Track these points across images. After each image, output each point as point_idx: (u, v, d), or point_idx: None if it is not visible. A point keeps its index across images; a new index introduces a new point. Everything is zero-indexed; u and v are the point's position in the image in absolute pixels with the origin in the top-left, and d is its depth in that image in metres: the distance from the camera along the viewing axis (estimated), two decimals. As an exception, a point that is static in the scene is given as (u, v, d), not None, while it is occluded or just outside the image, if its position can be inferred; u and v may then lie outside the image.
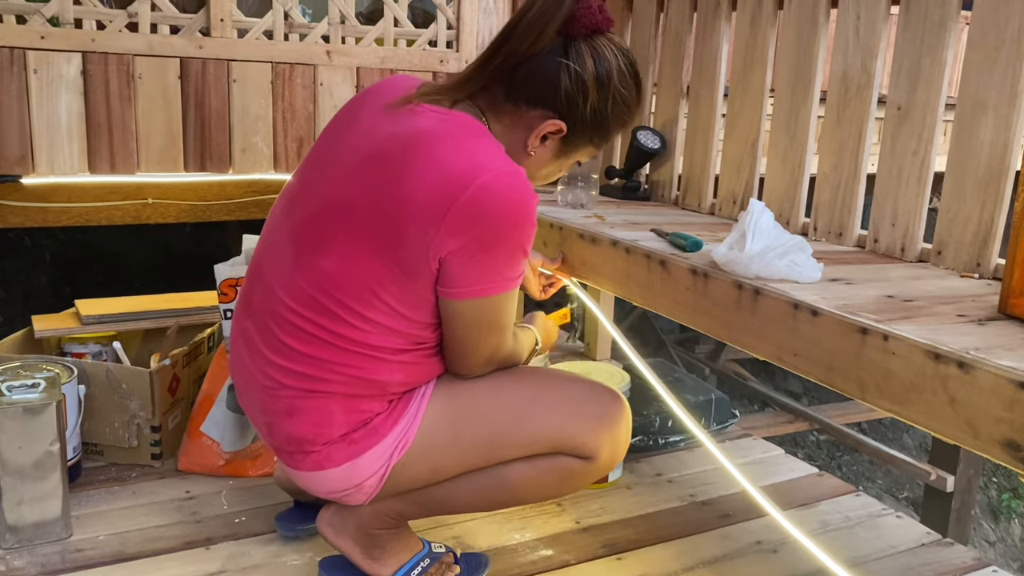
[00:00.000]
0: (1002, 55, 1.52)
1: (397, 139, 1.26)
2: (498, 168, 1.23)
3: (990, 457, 1.08)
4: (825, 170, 1.87)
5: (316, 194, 1.33)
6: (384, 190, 1.24)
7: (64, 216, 2.30)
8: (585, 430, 1.41)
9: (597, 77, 1.30)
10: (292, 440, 1.34)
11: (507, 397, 1.40)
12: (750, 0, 2.03)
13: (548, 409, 1.41)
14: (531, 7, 1.29)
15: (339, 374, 1.31)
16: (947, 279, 1.56)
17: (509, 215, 1.24)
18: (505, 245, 1.26)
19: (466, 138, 1.27)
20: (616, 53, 1.33)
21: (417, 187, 1.22)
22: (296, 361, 1.31)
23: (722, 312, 1.48)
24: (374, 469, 1.34)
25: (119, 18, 2.06)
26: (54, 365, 1.85)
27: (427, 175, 1.22)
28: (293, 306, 1.30)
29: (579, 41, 1.29)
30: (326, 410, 1.32)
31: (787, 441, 5.69)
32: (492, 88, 1.33)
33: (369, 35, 2.34)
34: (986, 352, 1.10)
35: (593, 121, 1.34)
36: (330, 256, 1.28)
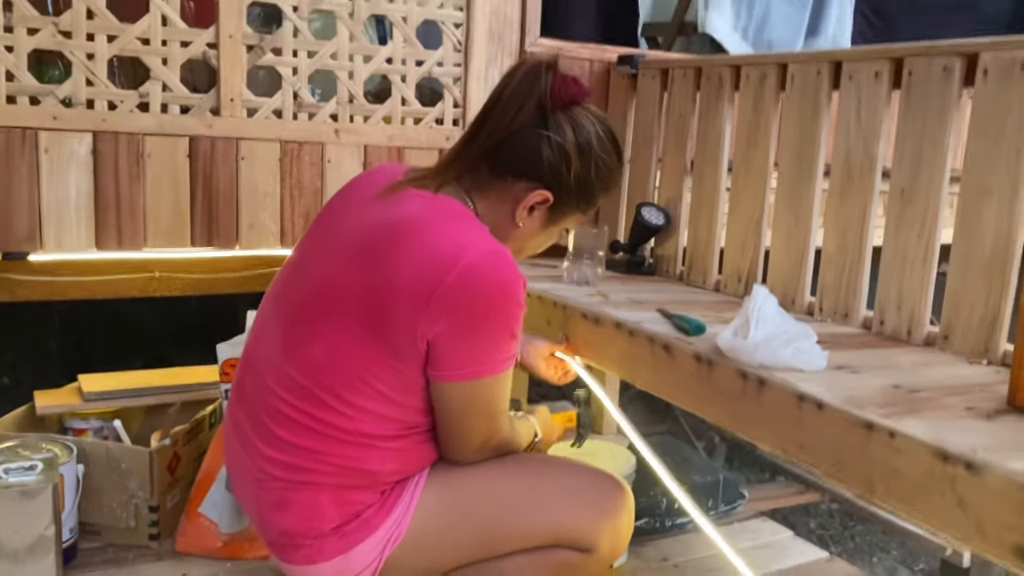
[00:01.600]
0: (1004, 142, 1.53)
1: (384, 226, 1.29)
2: (483, 248, 1.26)
3: (1001, 563, 1.05)
4: (830, 250, 1.87)
5: (305, 283, 1.34)
6: (372, 277, 1.26)
7: (71, 290, 2.31)
8: (584, 522, 1.38)
9: (578, 145, 1.34)
10: (283, 534, 1.32)
11: (503, 487, 1.38)
12: (752, 81, 2.05)
13: (546, 500, 1.38)
14: (507, 85, 1.34)
15: (329, 464, 1.29)
16: (955, 366, 1.54)
17: (494, 295, 1.26)
18: (492, 326, 1.27)
19: (451, 221, 1.29)
20: (594, 121, 1.37)
21: (404, 272, 1.24)
22: (285, 452, 1.30)
23: (727, 401, 1.46)
24: (367, 563, 1.32)
25: (130, 98, 2.09)
26: (53, 444, 1.83)
27: (413, 259, 1.24)
28: (284, 395, 1.30)
29: (557, 113, 1.33)
30: (316, 503, 1.30)
31: (799, 511, 5.58)
32: (477, 167, 1.36)
33: (377, 114, 2.37)
34: (995, 452, 1.08)
35: (578, 188, 1.37)
36: (319, 344, 1.28)
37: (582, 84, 1.37)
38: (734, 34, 3.03)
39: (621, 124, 2.58)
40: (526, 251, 1.48)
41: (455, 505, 1.36)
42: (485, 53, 2.48)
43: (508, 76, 1.35)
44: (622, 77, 2.57)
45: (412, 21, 2.38)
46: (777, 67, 1.99)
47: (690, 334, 1.64)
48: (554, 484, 1.41)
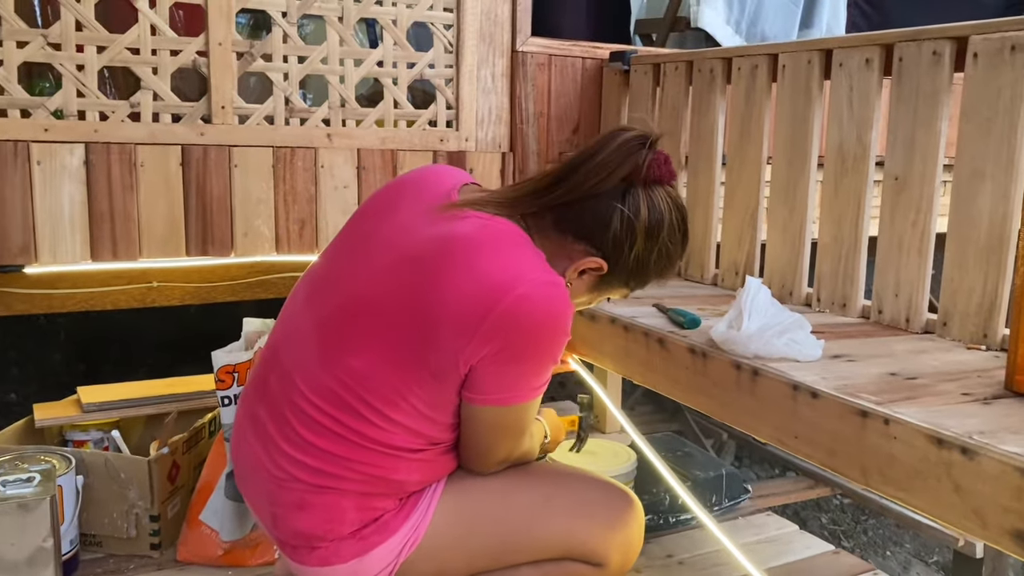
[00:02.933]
0: (996, 125, 1.51)
1: (435, 242, 1.25)
2: (537, 278, 1.22)
3: (1001, 548, 1.04)
4: (826, 241, 1.85)
5: (345, 286, 1.31)
6: (419, 293, 1.23)
7: (69, 302, 2.31)
8: (595, 536, 1.38)
9: (648, 227, 1.30)
10: (299, 535, 1.31)
11: (518, 499, 1.38)
12: (744, 73, 2.04)
13: (559, 513, 1.39)
14: (602, 148, 1.29)
15: (356, 472, 1.28)
16: (953, 352, 1.53)
17: (545, 326, 1.23)
18: (537, 355, 1.25)
19: (506, 246, 1.25)
20: (671, 208, 1.32)
21: (453, 293, 1.20)
22: (312, 455, 1.28)
23: (721, 392, 1.45)
24: (382, 566, 1.31)
25: (121, 108, 2.09)
26: (52, 456, 1.83)
27: (464, 281, 1.20)
28: (315, 400, 1.28)
29: (638, 189, 1.29)
30: (338, 507, 1.28)
31: (810, 506, 5.55)
32: (544, 214, 1.32)
33: (369, 117, 2.37)
34: (991, 436, 1.07)
35: (634, 267, 1.33)
36: (359, 356, 1.25)
37: (672, 166, 1.33)
38: (727, 28, 3.02)
39: (615, 121, 2.58)
40: None
41: (471, 514, 1.36)
42: (476, 54, 2.47)
43: (606, 139, 1.31)
44: (615, 74, 2.56)
45: (402, 23, 2.38)
46: (768, 58, 1.98)
47: (685, 327, 1.63)
48: (567, 497, 1.41)
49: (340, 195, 2.33)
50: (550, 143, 2.61)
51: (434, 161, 2.43)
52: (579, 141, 2.65)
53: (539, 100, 2.57)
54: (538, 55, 2.55)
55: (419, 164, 2.41)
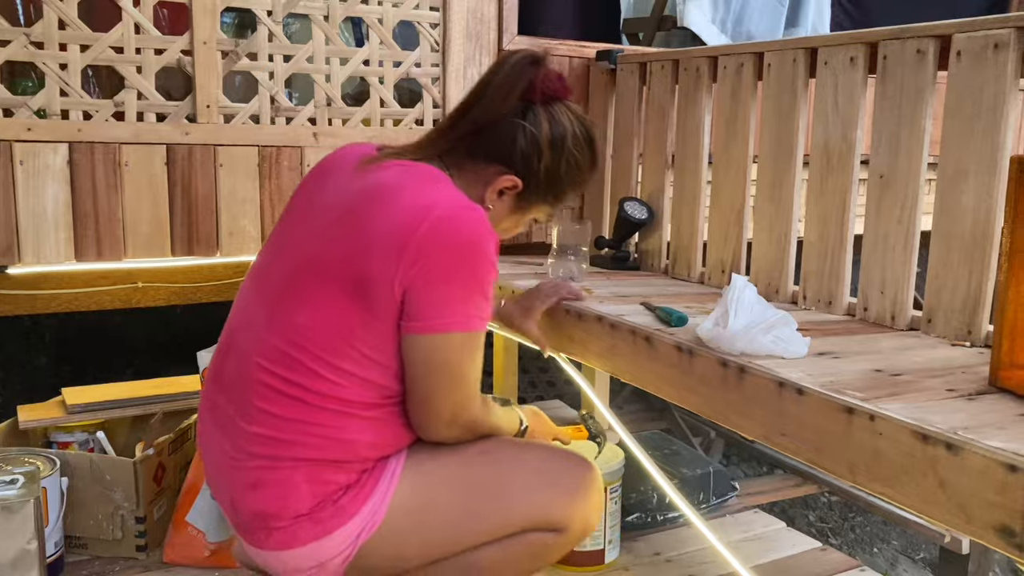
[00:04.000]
0: (979, 122, 1.52)
1: (362, 192, 1.34)
2: (456, 203, 1.31)
3: (985, 543, 1.04)
4: (811, 239, 1.86)
5: (288, 257, 1.36)
6: (351, 238, 1.30)
7: (53, 303, 2.29)
8: (556, 506, 1.41)
9: (551, 139, 1.40)
10: (256, 516, 1.31)
11: (476, 480, 1.39)
12: (730, 71, 2.05)
13: (518, 489, 1.40)
14: (495, 75, 1.40)
15: (309, 435, 1.30)
16: (937, 348, 1.53)
17: (464, 245, 1.29)
18: (461, 276, 1.29)
19: (428, 184, 1.34)
20: (572, 119, 1.43)
21: (381, 227, 1.28)
22: (268, 425, 1.30)
23: (708, 390, 1.45)
24: (340, 549, 1.31)
25: (105, 108, 2.08)
26: (36, 458, 1.82)
27: (389, 215, 1.29)
28: (268, 366, 1.31)
29: (537, 106, 1.40)
30: (291, 482, 1.30)
31: (798, 503, 5.57)
32: (456, 148, 1.42)
33: (356, 116, 2.36)
34: (975, 432, 1.07)
35: (547, 180, 1.43)
36: (303, 310, 1.30)
37: (566, 82, 1.43)
38: (712, 27, 3.03)
39: (602, 120, 2.58)
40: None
41: (430, 497, 1.36)
42: (463, 52, 2.47)
43: (497, 65, 1.41)
44: (601, 72, 2.56)
45: (388, 22, 2.37)
46: (753, 56, 1.98)
47: (671, 325, 1.63)
48: (526, 471, 1.42)
49: (326, 194, 2.32)
50: (537, 142, 2.60)
51: (421, 160, 2.43)
52: (566, 140, 2.65)
53: (526, 99, 2.57)
54: (525, 54, 2.55)
55: (406, 163, 2.41)
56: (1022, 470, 0.97)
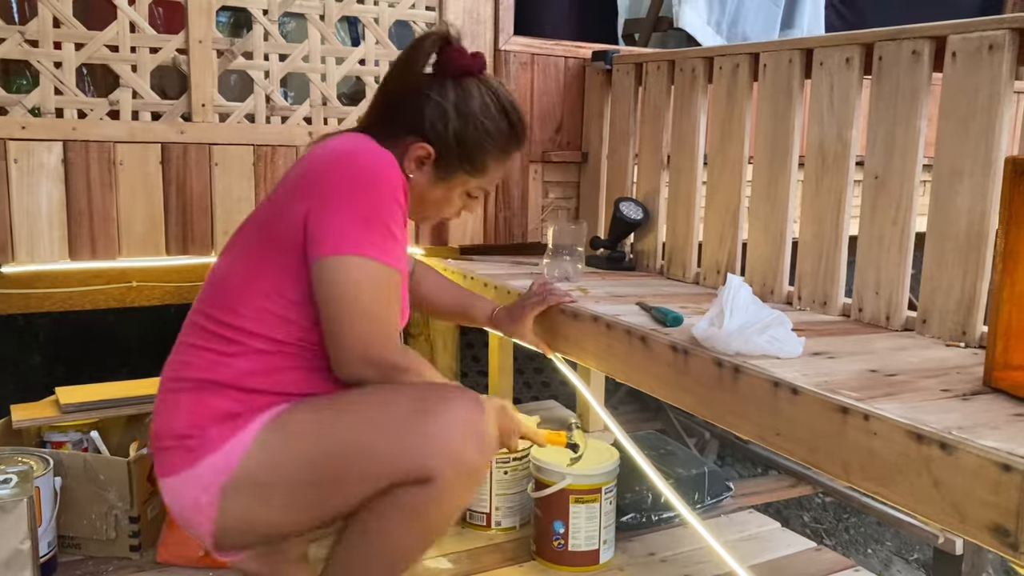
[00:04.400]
0: (974, 123, 1.53)
1: (296, 164, 1.45)
2: (366, 147, 1.39)
3: (979, 542, 1.04)
4: (806, 239, 1.86)
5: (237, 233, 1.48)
6: (277, 194, 1.42)
7: (47, 302, 2.28)
8: (413, 450, 1.26)
9: (457, 107, 1.46)
10: (152, 439, 1.39)
11: (337, 430, 1.31)
12: (725, 72, 2.05)
13: (373, 438, 1.28)
14: (408, 52, 1.50)
15: (203, 357, 1.36)
16: (932, 349, 1.54)
17: (363, 176, 1.35)
18: (358, 205, 1.33)
19: (350, 141, 1.42)
20: (483, 90, 1.49)
21: (295, 172, 1.41)
22: (180, 352, 1.40)
23: (703, 390, 1.45)
24: (205, 484, 1.30)
25: (100, 106, 2.07)
26: (29, 457, 1.81)
27: (305, 164, 1.40)
28: (200, 307, 1.41)
29: (447, 80, 1.47)
30: (175, 401, 1.36)
31: (793, 504, 5.57)
32: (378, 122, 1.50)
33: (351, 115, 2.36)
34: (969, 431, 1.07)
35: (458, 147, 1.48)
36: (230, 254, 1.44)
37: (480, 58, 1.50)
38: (707, 28, 3.03)
39: (598, 120, 2.58)
40: (429, 213, 1.59)
41: (287, 446, 1.31)
42: (459, 52, 2.46)
43: (412, 44, 1.50)
44: (597, 73, 2.56)
45: (384, 22, 2.37)
46: (749, 57, 1.99)
47: (667, 325, 1.63)
48: (384, 415, 1.30)
49: (322, 194, 2.32)
50: (532, 142, 2.61)
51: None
52: (562, 140, 2.65)
53: (522, 99, 2.57)
54: (521, 54, 2.55)
55: (401, 163, 2.40)
56: (1016, 470, 0.97)
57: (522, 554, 1.94)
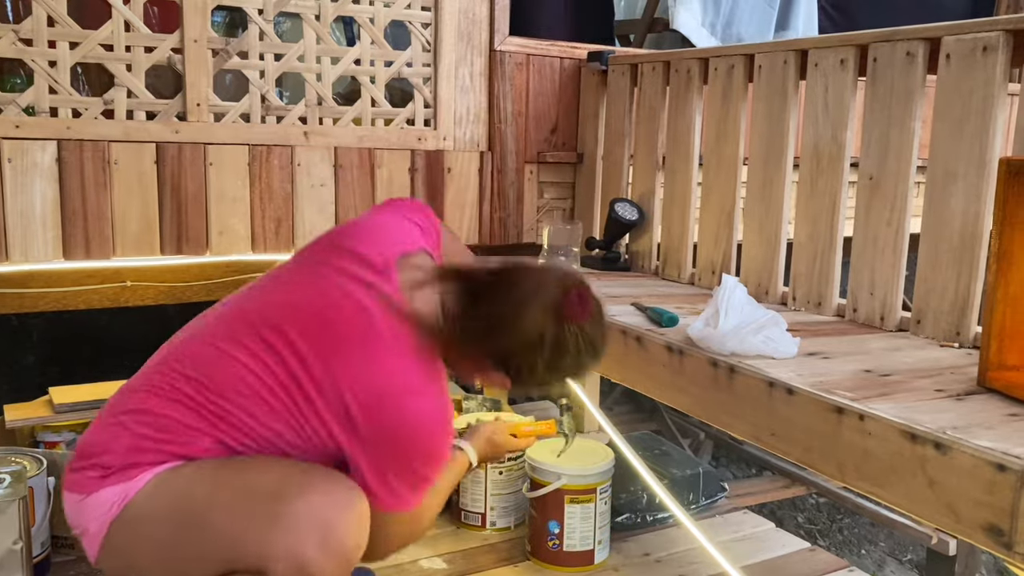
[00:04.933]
0: (968, 125, 1.53)
1: (356, 312, 1.31)
2: (433, 415, 1.31)
3: (974, 542, 1.05)
4: (801, 240, 1.87)
5: (270, 303, 1.37)
6: (326, 352, 1.29)
7: (41, 302, 2.27)
8: (251, 538, 1.19)
9: (549, 362, 1.32)
10: (80, 450, 1.33)
11: (192, 502, 1.26)
12: (720, 73, 2.05)
13: (218, 518, 1.23)
14: (525, 281, 1.33)
15: (176, 428, 1.29)
16: (926, 349, 1.54)
17: (421, 454, 1.31)
18: (413, 472, 1.32)
19: (414, 356, 1.31)
20: (581, 343, 1.33)
21: (348, 380, 1.27)
22: (161, 396, 1.31)
23: (698, 390, 1.46)
24: (96, 515, 1.28)
25: (95, 105, 2.07)
26: (22, 457, 1.80)
27: (363, 380, 1.27)
28: (199, 364, 1.32)
29: (549, 325, 1.31)
30: (117, 435, 1.29)
31: (787, 505, 5.57)
32: (465, 339, 1.35)
33: (347, 115, 2.36)
34: (964, 431, 1.08)
35: (533, 382, 1.39)
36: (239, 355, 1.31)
37: (589, 306, 1.35)
38: (702, 30, 3.03)
39: (593, 121, 2.58)
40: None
41: (157, 503, 1.27)
42: (454, 53, 2.47)
43: (529, 274, 1.35)
44: (592, 74, 2.57)
45: (380, 22, 2.37)
46: (744, 58, 1.99)
47: (662, 325, 1.63)
48: (233, 494, 1.24)
49: (317, 193, 2.32)
50: (528, 142, 2.61)
51: (412, 162, 2.42)
52: (557, 140, 2.66)
53: (517, 99, 2.57)
54: (516, 54, 2.55)
55: (397, 163, 2.41)
56: (1010, 469, 0.98)
57: (517, 554, 1.94)
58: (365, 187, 2.37)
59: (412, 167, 2.43)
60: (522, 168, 2.61)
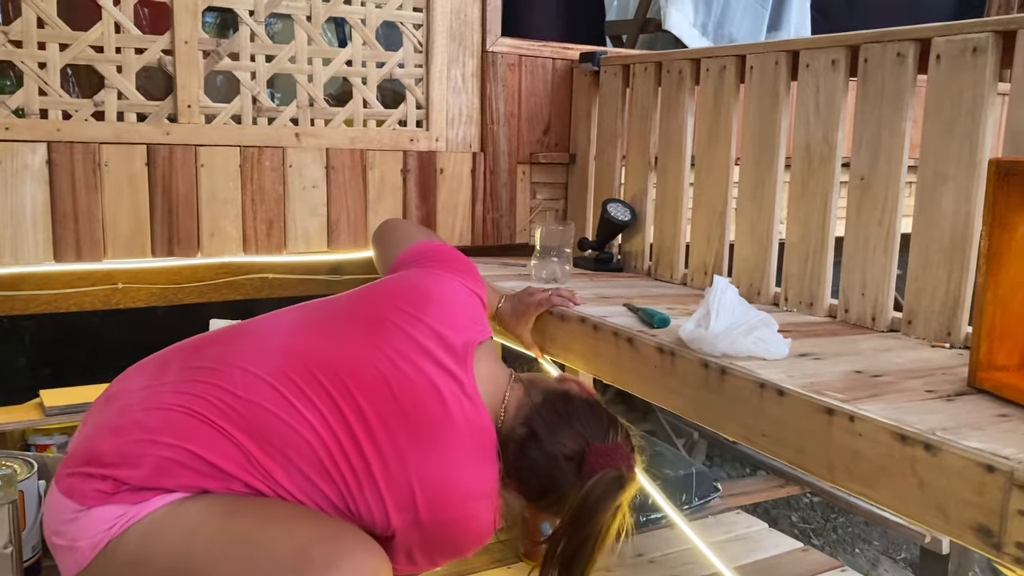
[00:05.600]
0: (958, 125, 1.53)
1: (433, 400, 1.34)
2: (486, 517, 1.37)
3: (963, 543, 1.05)
4: (793, 240, 1.87)
5: (339, 354, 1.35)
6: (405, 439, 1.31)
7: (32, 304, 2.27)
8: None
9: (573, 523, 1.34)
10: (90, 456, 1.26)
11: (199, 546, 1.22)
12: (712, 74, 2.05)
13: (231, 573, 1.20)
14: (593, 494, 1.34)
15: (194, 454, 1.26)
16: (917, 350, 1.54)
17: (463, 544, 1.40)
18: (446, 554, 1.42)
19: (483, 459, 1.37)
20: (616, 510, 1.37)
21: (418, 469, 1.30)
22: (202, 427, 1.27)
23: (690, 391, 1.46)
24: (94, 531, 1.23)
25: (85, 107, 2.06)
26: (13, 461, 1.80)
27: (433, 473, 1.30)
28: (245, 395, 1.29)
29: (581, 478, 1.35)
30: (141, 455, 1.25)
31: (781, 504, 5.58)
32: (513, 455, 1.42)
33: (338, 116, 2.35)
34: (954, 432, 1.08)
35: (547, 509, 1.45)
36: (311, 410, 1.30)
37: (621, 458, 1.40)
38: (693, 30, 3.03)
39: (586, 122, 2.58)
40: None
41: (157, 538, 1.23)
42: (446, 53, 2.47)
43: (597, 495, 1.35)
44: (584, 75, 2.56)
45: (371, 23, 2.36)
46: (736, 59, 1.99)
47: (655, 327, 1.63)
48: (252, 549, 1.20)
49: (308, 195, 2.31)
50: (520, 143, 2.61)
51: (404, 163, 2.42)
52: (550, 141, 2.65)
53: (510, 100, 2.57)
54: (508, 55, 2.55)
55: (389, 164, 2.40)
56: (999, 470, 0.98)
57: (509, 556, 1.94)
58: (357, 188, 2.37)
59: (404, 168, 2.43)
60: (515, 169, 2.61)
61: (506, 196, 2.61)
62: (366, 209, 2.39)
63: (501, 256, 2.58)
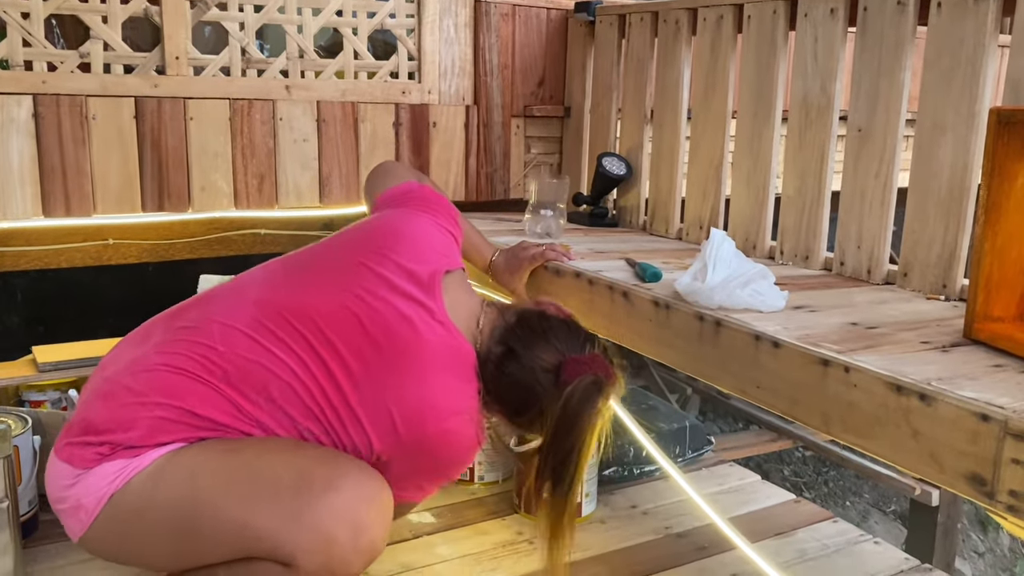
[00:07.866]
0: (958, 75, 1.51)
1: (402, 330, 1.35)
2: (467, 432, 1.36)
3: (957, 492, 1.06)
4: (789, 193, 1.86)
5: (309, 298, 1.37)
6: (372, 369, 1.33)
7: (22, 260, 2.25)
8: (273, 530, 1.19)
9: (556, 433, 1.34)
10: (86, 426, 1.27)
11: (205, 481, 1.23)
12: (709, 24, 2.02)
13: (235, 502, 1.21)
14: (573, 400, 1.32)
15: (208, 402, 1.28)
16: (913, 302, 1.54)
17: (447, 465, 1.43)
18: (436, 478, 1.48)
19: (455, 377, 1.37)
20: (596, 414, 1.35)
21: (396, 398, 1.32)
22: (186, 381, 1.29)
23: (684, 344, 1.45)
24: (93, 490, 1.24)
25: (71, 59, 2.02)
26: (7, 416, 1.79)
27: (409, 396, 1.32)
28: (221, 348, 1.31)
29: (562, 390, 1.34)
30: (135, 418, 1.26)
31: (773, 458, 5.65)
32: (490, 379, 1.42)
33: (329, 68, 2.31)
34: (948, 382, 1.08)
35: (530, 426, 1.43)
36: (287, 351, 1.33)
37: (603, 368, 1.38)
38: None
39: (580, 74, 2.54)
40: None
41: (163, 482, 1.24)
42: (438, 3, 2.42)
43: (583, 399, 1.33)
44: (580, 25, 2.52)
45: (362, -28, 2.31)
46: (733, 8, 1.96)
47: (646, 281, 1.62)
48: (249, 480, 1.23)
49: (300, 148, 2.28)
50: (515, 96, 2.57)
51: (396, 116, 2.39)
52: (544, 94, 2.62)
53: (503, 52, 2.53)
54: (502, 5, 2.51)
55: (381, 117, 2.37)
56: (993, 420, 0.98)
57: (505, 508, 1.96)
58: (348, 142, 2.34)
59: (396, 121, 2.40)
60: (508, 122, 2.58)
61: (500, 150, 2.58)
62: (358, 163, 2.36)
63: (495, 211, 2.56)
